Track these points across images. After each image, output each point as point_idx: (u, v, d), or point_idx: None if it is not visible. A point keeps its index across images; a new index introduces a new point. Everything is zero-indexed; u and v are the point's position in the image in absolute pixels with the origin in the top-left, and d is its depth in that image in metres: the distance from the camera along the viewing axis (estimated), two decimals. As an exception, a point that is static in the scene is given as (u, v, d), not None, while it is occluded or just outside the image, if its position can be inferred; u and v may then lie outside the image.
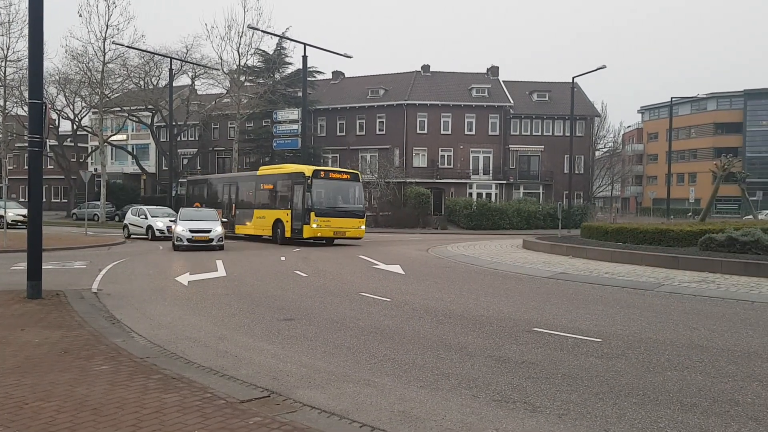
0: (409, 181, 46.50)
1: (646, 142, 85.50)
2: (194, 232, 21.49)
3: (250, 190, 28.64)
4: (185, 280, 13.17)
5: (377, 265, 16.54)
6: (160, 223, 26.94)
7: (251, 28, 38.07)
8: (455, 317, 8.89)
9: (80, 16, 43.56)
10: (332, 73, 57.35)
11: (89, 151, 57.59)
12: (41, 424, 4.31)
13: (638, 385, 5.52)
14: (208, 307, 9.87)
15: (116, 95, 48.20)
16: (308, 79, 38.28)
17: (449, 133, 49.57)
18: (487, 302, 10.26)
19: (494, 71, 55.19)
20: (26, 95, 20.69)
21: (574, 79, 39.08)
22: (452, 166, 49.62)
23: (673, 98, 51.72)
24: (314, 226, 23.36)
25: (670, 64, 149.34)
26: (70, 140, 54.21)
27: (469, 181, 49.41)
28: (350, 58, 34.27)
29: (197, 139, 56.24)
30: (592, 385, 5.52)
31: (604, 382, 5.61)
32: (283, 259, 18.49)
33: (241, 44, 43.15)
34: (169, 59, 40.35)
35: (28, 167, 10.13)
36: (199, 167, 56.40)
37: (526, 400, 5.12)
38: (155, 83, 50.04)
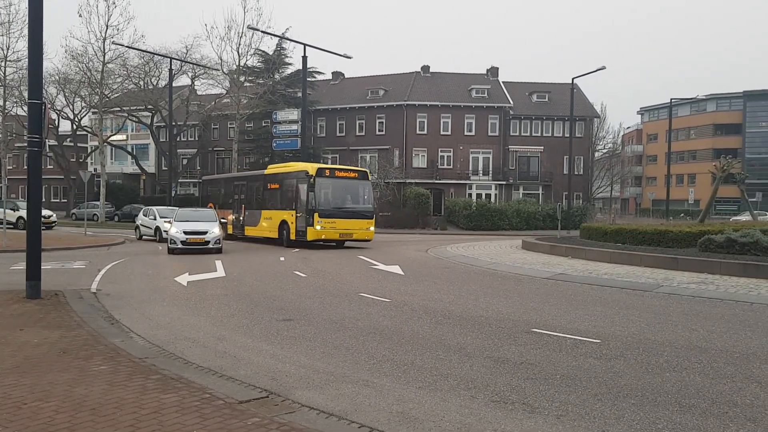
0: (408, 181, 46.50)
1: (645, 143, 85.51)
2: (189, 233, 20.25)
3: (257, 189, 27.39)
4: (184, 280, 13.17)
5: (376, 265, 16.55)
6: (167, 224, 26.83)
7: (251, 28, 38.06)
8: (454, 318, 8.90)
9: (80, 16, 43.55)
10: (332, 73, 57.39)
11: (89, 151, 57.60)
12: (40, 424, 4.31)
13: (637, 386, 5.52)
14: (207, 307, 9.87)
15: (116, 95, 48.23)
16: (308, 79, 38.21)
17: (449, 133, 49.58)
18: (486, 303, 10.26)
19: (494, 72, 55.22)
20: (26, 95, 20.61)
21: (573, 80, 39.04)
22: (452, 166, 49.63)
23: (672, 99, 51.82)
24: (318, 227, 21.98)
25: (669, 64, 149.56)
26: (69, 140, 54.21)
27: (468, 181, 49.42)
28: (350, 58, 34.19)
29: (197, 139, 56.22)
30: (590, 386, 5.53)
31: (602, 383, 5.62)
32: (282, 259, 18.49)
33: (240, 44, 43.25)
34: (168, 59, 40.27)
35: (27, 167, 10.11)
36: (198, 167, 56.41)
37: (524, 400, 5.13)
38: (155, 83, 50.02)
